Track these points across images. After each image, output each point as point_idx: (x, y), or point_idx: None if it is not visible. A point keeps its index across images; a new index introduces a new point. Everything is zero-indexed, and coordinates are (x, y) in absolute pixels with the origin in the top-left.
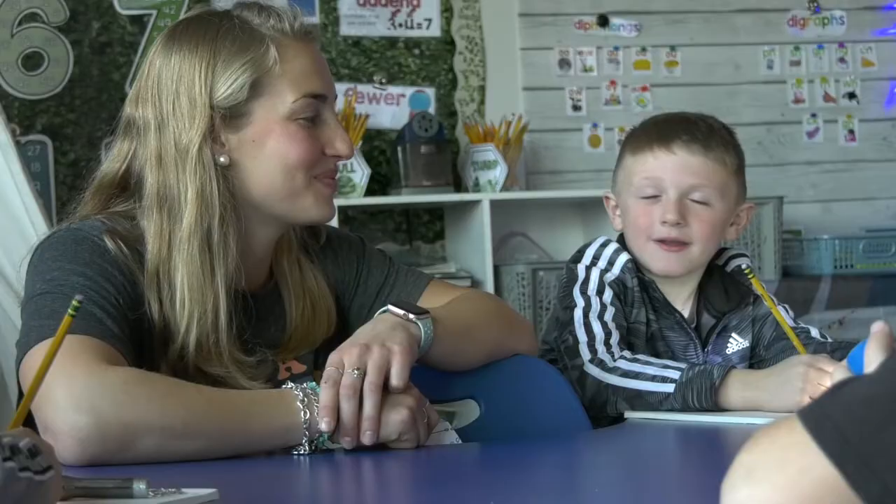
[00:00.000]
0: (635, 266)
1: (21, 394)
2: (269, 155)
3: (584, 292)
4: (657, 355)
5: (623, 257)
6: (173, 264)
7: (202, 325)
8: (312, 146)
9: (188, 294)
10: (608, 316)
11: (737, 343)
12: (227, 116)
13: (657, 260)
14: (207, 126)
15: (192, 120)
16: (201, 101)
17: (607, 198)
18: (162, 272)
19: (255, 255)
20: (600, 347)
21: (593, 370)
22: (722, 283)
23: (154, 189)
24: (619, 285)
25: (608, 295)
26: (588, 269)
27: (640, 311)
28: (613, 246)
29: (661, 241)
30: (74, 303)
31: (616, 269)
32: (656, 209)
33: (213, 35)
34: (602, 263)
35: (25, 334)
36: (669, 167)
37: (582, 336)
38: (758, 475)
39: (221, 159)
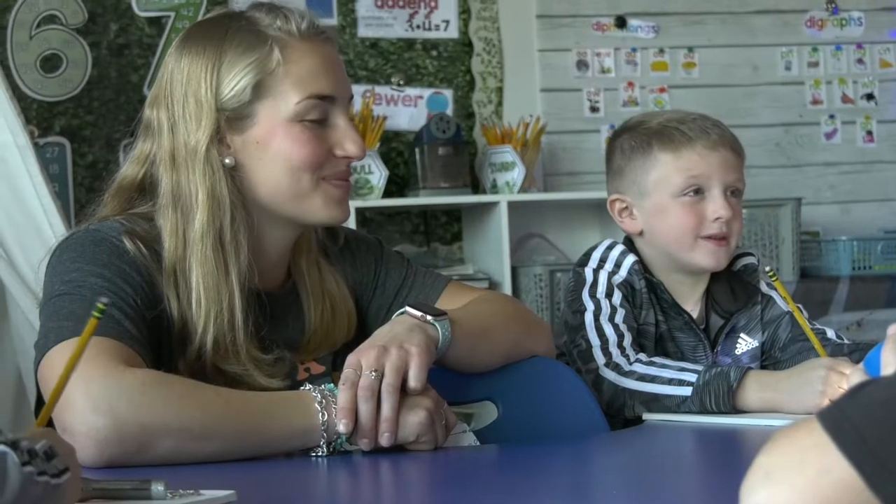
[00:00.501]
0: (642, 267)
1: (39, 394)
2: (273, 157)
3: (593, 295)
4: (666, 356)
5: (630, 259)
6: (188, 263)
7: (219, 324)
8: (317, 148)
9: (204, 293)
10: (619, 318)
11: (746, 343)
12: (232, 118)
13: (708, 256)
14: (214, 127)
15: (199, 122)
16: (207, 103)
17: (615, 201)
18: (179, 270)
19: (270, 255)
20: (614, 350)
21: (609, 374)
22: (728, 283)
23: (168, 189)
24: (627, 287)
25: (617, 297)
26: (595, 272)
27: (649, 313)
28: (619, 248)
29: (710, 238)
30: (100, 305)
31: (623, 271)
32: (704, 206)
33: (221, 37)
34: (609, 266)
35: (44, 335)
36: (716, 164)
37: (595, 340)
38: (776, 477)
39: (227, 161)
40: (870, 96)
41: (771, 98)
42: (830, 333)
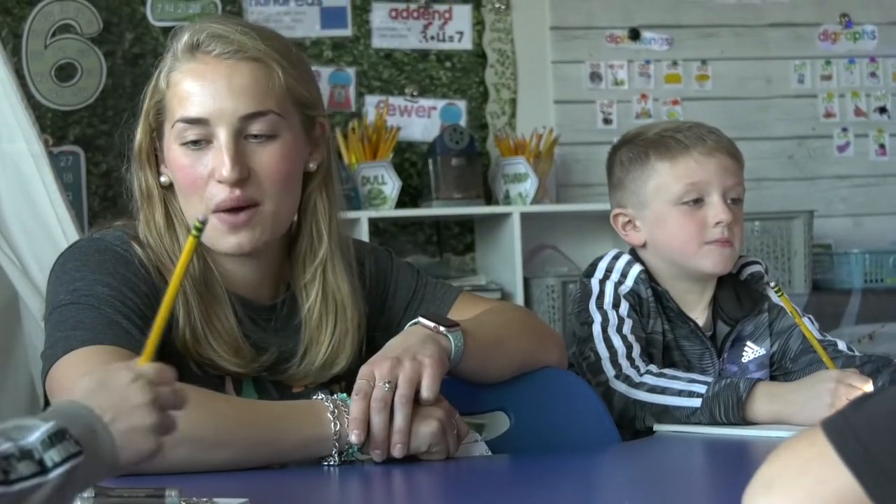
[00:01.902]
0: (648, 276)
1: (47, 405)
2: (175, 180)
3: (600, 307)
4: (673, 365)
5: (636, 268)
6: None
7: (188, 318)
8: (191, 172)
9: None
10: (626, 329)
11: (753, 351)
12: (158, 139)
13: (713, 260)
14: (146, 141)
15: (139, 125)
16: (145, 120)
17: (617, 215)
18: None
19: (246, 271)
20: (623, 362)
21: (620, 386)
22: (734, 290)
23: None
24: (634, 297)
25: (624, 307)
26: (602, 282)
27: (657, 322)
28: (626, 258)
29: (713, 242)
30: None
31: (629, 281)
32: (705, 212)
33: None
34: (615, 276)
35: (51, 346)
36: (713, 170)
37: (603, 351)
38: (777, 486)
39: (162, 179)
40: (882, 109)
41: (784, 111)
42: (842, 345)
